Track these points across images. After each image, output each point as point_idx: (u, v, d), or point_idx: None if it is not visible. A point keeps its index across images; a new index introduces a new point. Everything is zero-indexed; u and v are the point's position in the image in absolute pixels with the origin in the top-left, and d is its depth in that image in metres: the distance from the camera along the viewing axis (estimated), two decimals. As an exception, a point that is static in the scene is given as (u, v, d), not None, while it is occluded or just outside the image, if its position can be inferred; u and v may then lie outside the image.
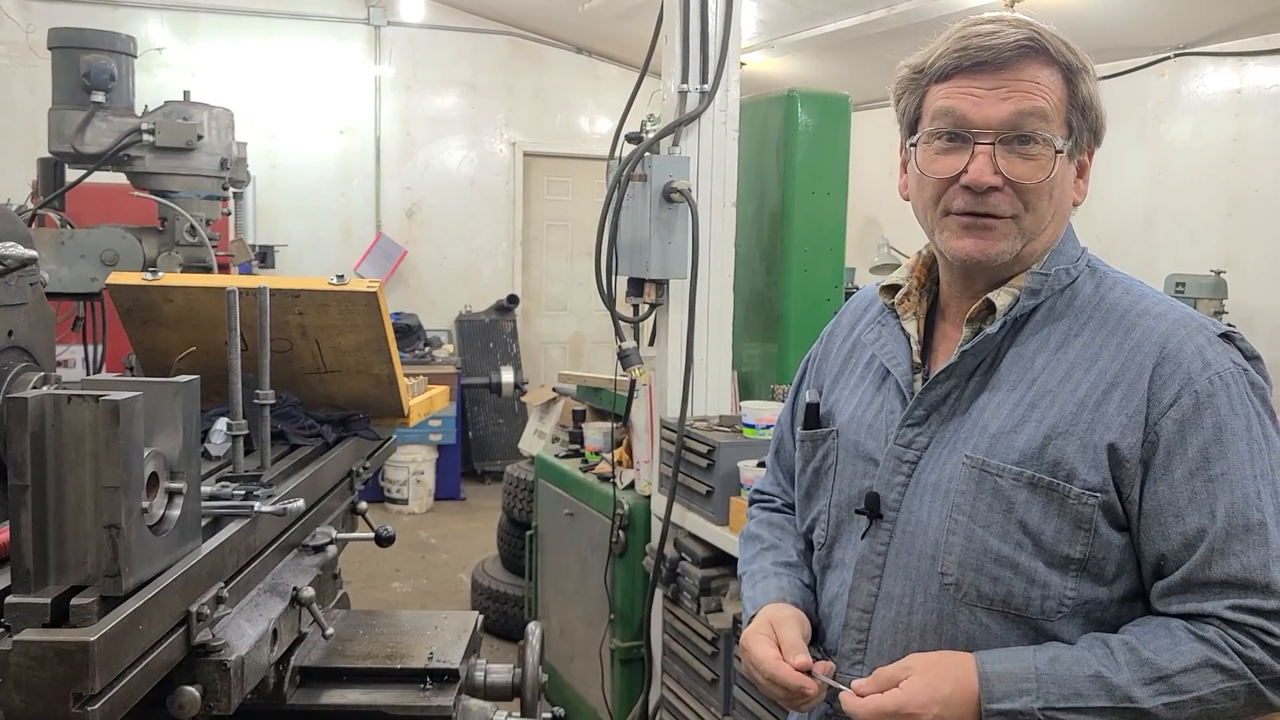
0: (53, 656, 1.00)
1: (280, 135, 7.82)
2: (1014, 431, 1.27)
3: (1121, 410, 1.23)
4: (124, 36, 3.49)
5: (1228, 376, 1.23)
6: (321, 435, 1.97)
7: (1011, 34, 1.25)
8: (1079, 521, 1.24)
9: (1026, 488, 1.25)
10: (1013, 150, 1.26)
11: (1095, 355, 1.27)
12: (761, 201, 3.69)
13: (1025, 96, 1.25)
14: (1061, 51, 1.27)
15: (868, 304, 1.54)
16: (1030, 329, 1.32)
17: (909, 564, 1.33)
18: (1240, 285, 5.25)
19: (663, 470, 3.25)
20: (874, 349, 1.45)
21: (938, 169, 1.30)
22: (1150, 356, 1.24)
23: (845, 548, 1.42)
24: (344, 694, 1.57)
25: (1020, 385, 1.29)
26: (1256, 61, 5.53)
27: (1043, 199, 1.28)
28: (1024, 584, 1.26)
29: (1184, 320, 1.27)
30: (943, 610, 1.30)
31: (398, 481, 7.10)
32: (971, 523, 1.28)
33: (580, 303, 8.71)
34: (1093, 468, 1.23)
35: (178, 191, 3.47)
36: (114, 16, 7.12)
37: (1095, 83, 1.31)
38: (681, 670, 3.14)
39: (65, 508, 1.10)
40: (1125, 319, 1.29)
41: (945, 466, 1.31)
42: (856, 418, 1.43)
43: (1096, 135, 1.33)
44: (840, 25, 6.26)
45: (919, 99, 1.33)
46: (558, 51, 8.60)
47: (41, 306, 1.66)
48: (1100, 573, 1.26)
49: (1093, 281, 1.34)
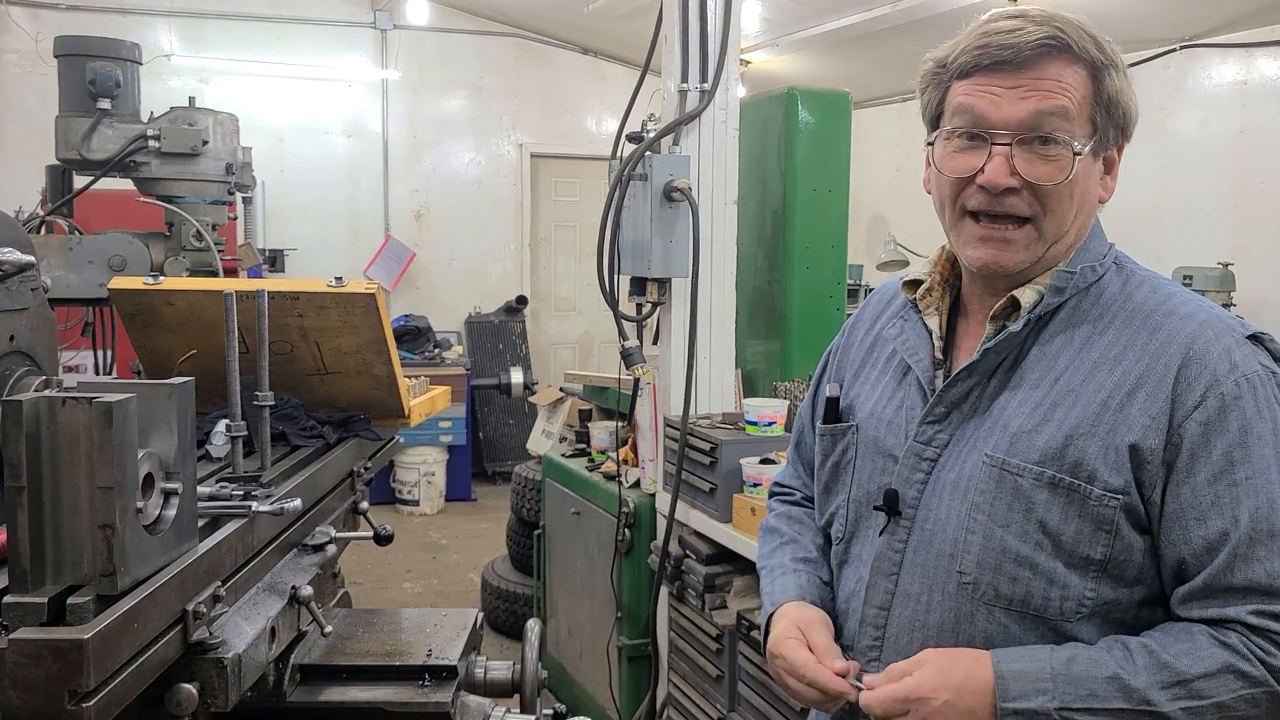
0: (48, 654, 1.02)
1: (289, 139, 7.88)
2: (1035, 431, 1.25)
3: (1145, 411, 1.21)
4: (129, 44, 3.52)
5: (1255, 379, 1.21)
6: (322, 436, 1.99)
7: (1034, 31, 1.22)
8: (1100, 523, 1.22)
9: (1047, 488, 1.23)
10: (1032, 150, 1.23)
11: (1120, 355, 1.24)
12: (763, 200, 3.70)
13: (1046, 96, 1.22)
14: (1087, 48, 1.23)
15: (890, 298, 1.52)
16: (1055, 327, 1.29)
17: (927, 562, 1.31)
18: (1248, 277, 5.23)
19: (667, 468, 3.26)
20: (896, 344, 1.43)
21: (955, 167, 1.28)
22: (1176, 357, 1.22)
23: (863, 543, 1.40)
24: (343, 691, 1.58)
25: (1043, 384, 1.27)
26: (1263, 53, 5.51)
27: (1063, 200, 1.25)
28: (1043, 584, 1.24)
29: (1212, 321, 1.24)
30: (960, 609, 1.28)
31: (409, 483, 7.13)
32: (991, 522, 1.26)
33: (589, 303, 8.71)
34: (1114, 469, 1.21)
35: (184, 197, 3.49)
36: (123, 24, 7.19)
37: (1124, 77, 1.27)
38: (687, 667, 3.15)
39: (61, 508, 1.11)
40: (1151, 318, 1.26)
41: (965, 465, 1.29)
42: (877, 413, 1.42)
43: (1125, 131, 1.30)
44: (844, 22, 6.26)
45: (941, 94, 1.31)
46: (563, 53, 8.63)
47: (43, 311, 1.68)
48: (1121, 575, 1.24)
49: (1119, 279, 1.31)
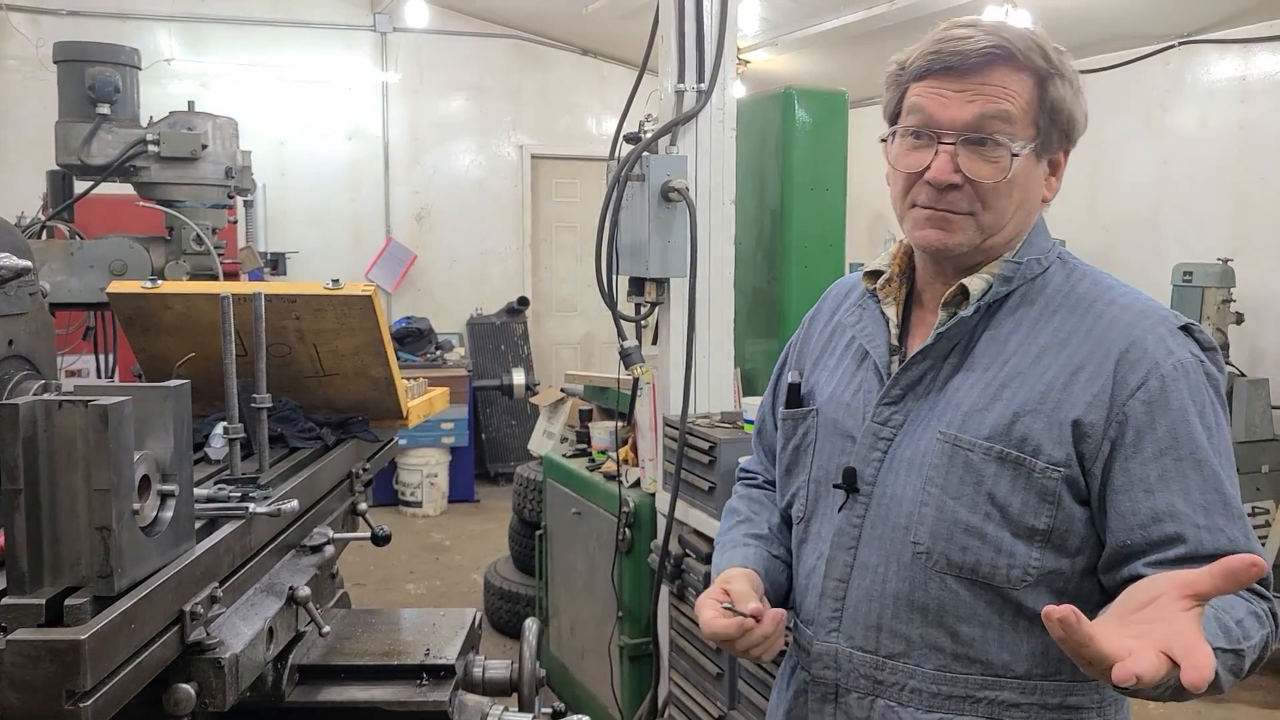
0: (45, 655, 1.03)
1: (289, 143, 7.90)
2: (985, 409, 1.34)
3: (1087, 389, 1.31)
4: (128, 49, 3.53)
5: (1188, 365, 1.31)
6: (320, 438, 2.00)
7: (982, 40, 1.31)
8: (1044, 494, 1.31)
9: (995, 461, 1.32)
10: (975, 151, 1.33)
11: (1065, 341, 1.34)
12: (762, 199, 3.70)
13: (990, 100, 1.32)
14: (1032, 57, 1.32)
15: (849, 289, 1.62)
16: (1004, 314, 1.39)
17: (884, 535, 1.40)
18: (1248, 273, 5.23)
19: (667, 468, 3.27)
20: (854, 331, 1.53)
21: (906, 164, 1.38)
22: (1117, 343, 1.32)
23: (822, 521, 1.48)
24: (341, 691, 1.60)
25: (993, 366, 1.36)
26: (1262, 48, 5.51)
27: (1001, 198, 1.35)
28: (991, 553, 1.33)
29: (1149, 311, 1.35)
30: (915, 578, 1.37)
31: (411, 484, 7.13)
32: (943, 495, 1.34)
33: (590, 304, 8.68)
34: (1057, 444, 1.30)
35: (184, 201, 3.50)
36: (122, 29, 7.21)
37: (1070, 86, 1.36)
38: (688, 665, 3.16)
39: (58, 510, 1.13)
40: (1094, 308, 1.36)
41: (920, 443, 1.38)
42: (836, 397, 1.50)
43: (1070, 136, 1.40)
44: (843, 21, 6.26)
45: (899, 94, 1.41)
46: (563, 54, 8.64)
47: (42, 316, 1.69)
48: (1064, 545, 1.32)
49: (1063, 272, 1.41)
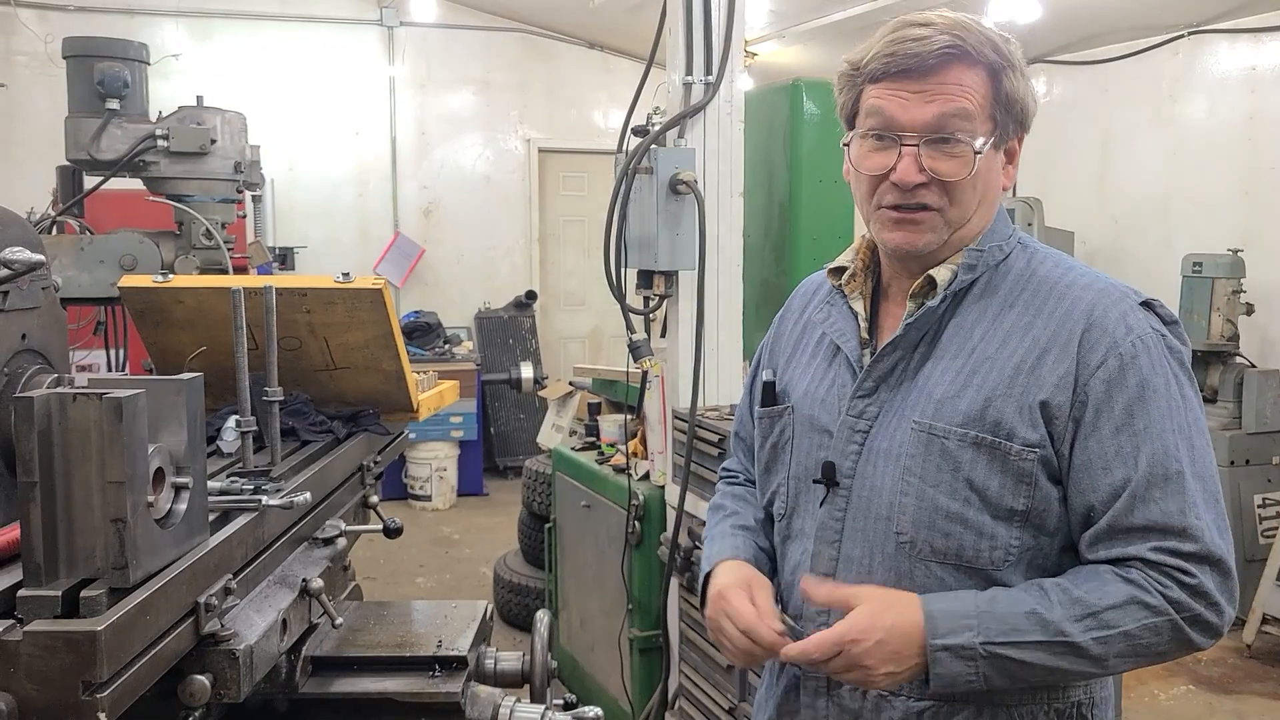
0: (62, 646, 1.04)
1: (297, 137, 7.89)
2: (957, 396, 1.36)
3: (1053, 371, 1.33)
4: (136, 44, 3.54)
5: (1149, 340, 1.33)
6: (332, 431, 2.01)
7: (938, 40, 1.32)
8: (1020, 476, 1.33)
9: (971, 447, 1.34)
10: (938, 149, 1.35)
11: (1029, 324, 1.37)
12: (770, 192, 3.70)
13: (949, 99, 1.34)
14: (984, 52, 1.34)
15: (815, 288, 1.63)
16: (969, 302, 1.41)
17: (866, 527, 1.41)
18: (1258, 264, 5.21)
19: (676, 460, 3.27)
20: (824, 327, 1.54)
21: (870, 166, 1.39)
22: (1079, 323, 1.34)
23: (804, 517, 1.50)
24: (354, 682, 1.60)
25: (961, 354, 1.39)
26: (1272, 38, 5.48)
27: (966, 192, 1.37)
28: (973, 537, 1.35)
29: (1109, 290, 1.38)
30: (900, 568, 1.38)
31: (420, 478, 7.15)
32: (922, 483, 1.37)
33: (598, 297, 8.69)
34: (1030, 426, 1.33)
35: (193, 195, 3.51)
36: (130, 24, 7.22)
37: (1021, 75, 1.38)
38: (698, 658, 3.17)
39: (73, 503, 1.13)
40: (1055, 289, 1.38)
41: (895, 433, 1.40)
42: (810, 393, 1.52)
43: (1023, 124, 1.41)
44: (850, 13, 6.24)
45: (855, 96, 1.41)
46: (570, 47, 8.62)
47: (54, 310, 1.70)
48: (1042, 524, 1.35)
49: (1024, 256, 1.44)
